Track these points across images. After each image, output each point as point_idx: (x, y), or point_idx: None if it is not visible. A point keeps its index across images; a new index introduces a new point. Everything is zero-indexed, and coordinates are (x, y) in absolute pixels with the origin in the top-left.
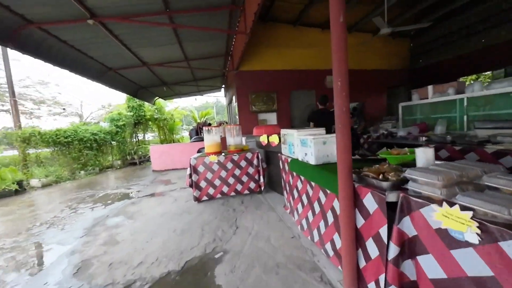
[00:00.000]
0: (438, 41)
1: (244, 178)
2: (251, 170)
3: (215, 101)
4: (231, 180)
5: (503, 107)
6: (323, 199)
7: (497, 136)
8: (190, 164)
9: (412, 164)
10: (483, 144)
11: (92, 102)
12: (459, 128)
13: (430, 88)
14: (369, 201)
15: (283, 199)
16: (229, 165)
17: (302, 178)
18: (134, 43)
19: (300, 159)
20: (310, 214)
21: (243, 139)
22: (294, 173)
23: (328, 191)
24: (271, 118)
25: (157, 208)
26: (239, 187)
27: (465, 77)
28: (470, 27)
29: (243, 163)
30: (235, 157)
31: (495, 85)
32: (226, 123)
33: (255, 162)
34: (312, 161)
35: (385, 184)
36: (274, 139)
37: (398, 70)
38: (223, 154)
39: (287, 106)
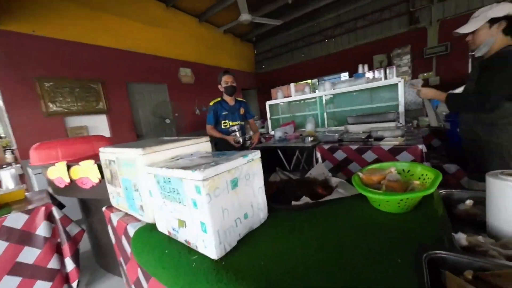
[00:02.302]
0: (272, 51)
1: (13, 280)
2: (33, 253)
3: None
4: None
5: (350, 103)
6: None
7: (377, 131)
8: None
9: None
10: (366, 140)
11: None
12: (321, 125)
13: (292, 86)
14: None
15: None
16: None
17: None
18: None
19: (165, 231)
20: None
21: (13, 173)
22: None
23: None
24: (99, 124)
25: None
26: None
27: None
28: (293, 43)
29: (1, 244)
30: None
31: (339, 85)
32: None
33: (42, 231)
34: (209, 250)
35: None
36: (89, 172)
37: (248, 72)
38: None
39: (126, 105)
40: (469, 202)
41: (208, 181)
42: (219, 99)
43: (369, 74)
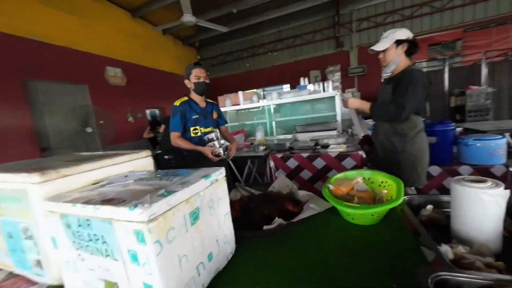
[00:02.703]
0: (217, 59)
1: None
2: None
3: None
4: None
5: (295, 113)
6: None
7: (323, 139)
8: None
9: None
10: (314, 148)
11: None
12: (270, 133)
13: (240, 94)
14: None
15: None
16: None
17: None
18: None
19: None
20: None
21: None
22: None
23: None
24: None
25: None
26: None
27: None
28: (238, 52)
29: None
30: None
31: (286, 95)
32: None
33: None
34: None
35: None
36: None
37: None
38: None
39: (22, 108)
40: (429, 207)
41: (158, 221)
42: (186, 98)
43: (310, 87)
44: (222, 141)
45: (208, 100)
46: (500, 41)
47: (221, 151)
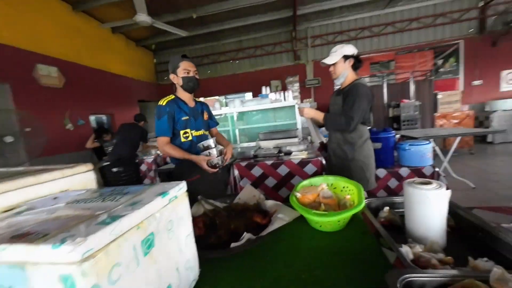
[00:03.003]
0: None
1: None
2: None
3: None
4: None
5: (257, 121)
6: None
7: (286, 146)
8: None
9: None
10: (278, 155)
11: None
12: (233, 141)
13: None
14: None
15: None
16: None
17: None
18: None
19: None
20: None
21: None
22: None
23: None
24: None
25: None
26: None
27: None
28: (198, 58)
29: None
30: None
31: (248, 103)
32: None
33: None
34: None
35: None
36: None
37: (147, 82)
38: None
39: None
40: (386, 209)
41: (95, 258)
42: (172, 97)
43: (272, 96)
44: (219, 148)
45: (197, 99)
46: (422, 63)
47: (219, 161)
